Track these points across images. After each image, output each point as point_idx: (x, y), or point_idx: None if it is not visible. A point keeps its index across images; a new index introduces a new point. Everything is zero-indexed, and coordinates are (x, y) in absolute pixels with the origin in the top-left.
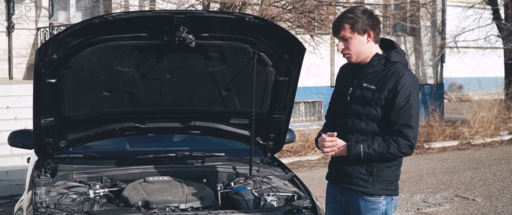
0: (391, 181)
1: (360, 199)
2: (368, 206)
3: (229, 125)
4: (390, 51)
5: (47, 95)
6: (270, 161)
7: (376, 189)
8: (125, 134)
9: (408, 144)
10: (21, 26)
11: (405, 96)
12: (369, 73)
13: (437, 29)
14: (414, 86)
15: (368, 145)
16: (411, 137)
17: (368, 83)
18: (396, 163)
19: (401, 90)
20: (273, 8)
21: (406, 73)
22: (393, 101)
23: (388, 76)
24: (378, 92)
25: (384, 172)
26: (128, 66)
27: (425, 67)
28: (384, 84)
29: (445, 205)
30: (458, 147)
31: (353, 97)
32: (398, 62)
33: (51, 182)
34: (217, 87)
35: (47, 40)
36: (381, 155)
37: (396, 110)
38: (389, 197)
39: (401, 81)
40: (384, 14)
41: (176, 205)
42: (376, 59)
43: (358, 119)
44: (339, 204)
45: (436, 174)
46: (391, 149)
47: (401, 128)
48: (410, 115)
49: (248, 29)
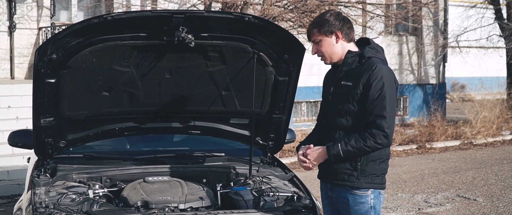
0: (377, 174)
1: (348, 193)
2: (356, 200)
3: (229, 125)
4: (364, 48)
5: (47, 95)
6: (270, 161)
7: (362, 182)
8: (125, 134)
9: (383, 135)
10: (22, 26)
11: (378, 88)
12: (346, 71)
13: (439, 28)
14: (388, 79)
15: (345, 142)
16: (385, 127)
17: (345, 81)
18: (380, 157)
19: (374, 83)
20: (274, 8)
21: (379, 66)
22: (367, 94)
23: (362, 71)
24: (354, 87)
25: (368, 166)
26: (128, 66)
27: (427, 67)
28: (359, 79)
29: (446, 205)
30: (460, 147)
31: (333, 96)
32: (372, 57)
33: (50, 182)
34: (217, 87)
35: (46, 40)
36: (359, 150)
37: (370, 102)
38: (377, 191)
39: (373, 74)
40: (386, 14)
41: (175, 205)
42: (350, 56)
43: (339, 116)
44: (331, 200)
45: (437, 174)
46: (367, 142)
47: (375, 118)
48: (384, 106)
49: (247, 29)
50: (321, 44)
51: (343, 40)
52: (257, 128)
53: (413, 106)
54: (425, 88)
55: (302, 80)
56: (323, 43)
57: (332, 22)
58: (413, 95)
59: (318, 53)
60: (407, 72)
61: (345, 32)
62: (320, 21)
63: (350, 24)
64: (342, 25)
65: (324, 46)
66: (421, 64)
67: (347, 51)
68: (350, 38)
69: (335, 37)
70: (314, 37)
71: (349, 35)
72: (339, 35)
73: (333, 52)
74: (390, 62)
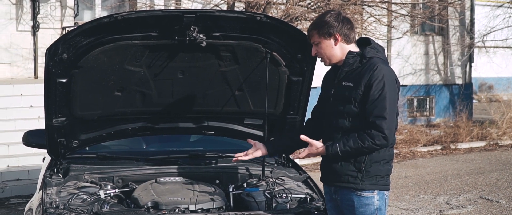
0: (381, 175)
1: (353, 195)
2: (362, 202)
3: (243, 125)
4: (365, 48)
5: (58, 95)
6: (285, 162)
7: (366, 184)
8: (138, 134)
9: (382, 136)
10: (46, 26)
11: (379, 89)
12: (347, 72)
13: (466, 28)
14: (389, 79)
15: (344, 143)
16: (385, 128)
17: (347, 81)
18: (384, 158)
19: (374, 83)
20: (297, 8)
21: (380, 67)
22: (367, 94)
23: (363, 71)
24: (355, 88)
25: (372, 167)
26: (140, 66)
27: (453, 67)
28: (360, 80)
29: (468, 207)
30: (485, 148)
31: (335, 97)
32: (374, 58)
33: (62, 182)
34: (230, 87)
35: (57, 40)
36: (357, 151)
37: (371, 103)
38: (382, 192)
39: (374, 74)
40: (411, 13)
41: (186, 206)
42: (350, 57)
43: (341, 118)
44: (336, 203)
45: (461, 175)
46: (365, 143)
47: (375, 119)
48: (384, 106)
49: (260, 28)
50: (320, 46)
51: (342, 42)
52: (272, 129)
53: (439, 107)
54: (451, 89)
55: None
56: (322, 46)
57: (331, 23)
58: (439, 96)
59: (318, 55)
60: (433, 73)
61: (344, 33)
62: (319, 23)
63: (350, 25)
64: (341, 27)
65: (323, 48)
66: (447, 64)
67: (348, 51)
68: (350, 39)
69: (333, 39)
70: (313, 39)
71: (349, 36)
72: (338, 38)
73: (331, 54)
74: (416, 62)
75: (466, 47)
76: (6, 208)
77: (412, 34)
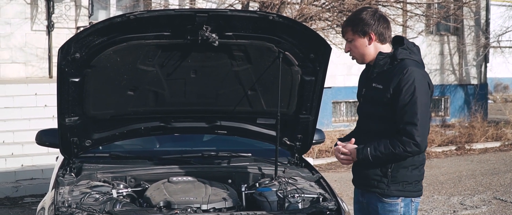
0: (409, 181)
1: (377, 200)
2: (385, 208)
3: (255, 125)
4: (397, 49)
5: (71, 94)
6: (298, 161)
7: (392, 190)
8: (151, 133)
9: (413, 143)
10: (61, 25)
11: (409, 93)
12: (378, 73)
13: (481, 28)
14: (420, 83)
15: (375, 147)
16: (416, 135)
17: (377, 83)
18: (413, 163)
19: (404, 87)
20: (312, 7)
21: (411, 70)
22: (397, 99)
23: (393, 74)
24: (384, 91)
25: (399, 173)
26: (152, 65)
27: (468, 67)
28: (389, 83)
29: (482, 208)
30: (500, 148)
31: (365, 98)
32: (405, 59)
33: (75, 181)
34: (243, 87)
35: (69, 39)
36: (388, 157)
37: (401, 108)
38: (408, 199)
39: (404, 78)
40: (426, 13)
41: (198, 205)
42: (381, 58)
43: (369, 119)
44: (362, 205)
45: (475, 176)
46: (396, 149)
47: (405, 126)
48: (414, 112)
49: (272, 28)
50: (354, 44)
51: (376, 42)
52: (284, 128)
53: (454, 107)
54: (466, 89)
55: (341, 80)
56: (356, 43)
57: (367, 21)
58: (454, 96)
59: (351, 52)
60: (449, 73)
61: (379, 32)
62: (354, 20)
63: (387, 24)
64: (377, 26)
65: (356, 46)
66: (462, 64)
67: (378, 52)
68: (385, 39)
69: (368, 38)
70: (347, 36)
71: (384, 35)
72: (372, 37)
73: (365, 53)
74: (431, 62)
75: (481, 47)
76: (20, 207)
77: (427, 34)
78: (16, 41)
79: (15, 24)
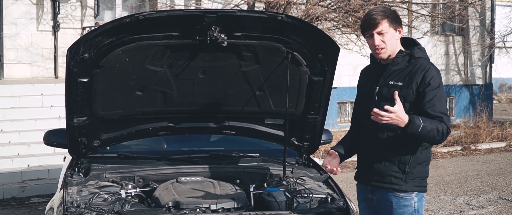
0: (422, 177)
1: (392, 196)
2: (401, 203)
3: (263, 125)
4: (413, 48)
5: (80, 94)
6: (306, 162)
7: (410, 185)
8: (159, 133)
9: (447, 130)
10: (66, 26)
11: (435, 87)
12: (394, 71)
13: (486, 29)
14: (440, 79)
15: (423, 119)
16: (448, 125)
17: (395, 81)
18: (426, 159)
19: (431, 81)
20: (318, 8)
21: (432, 67)
22: (424, 93)
23: (414, 71)
24: (406, 88)
25: (416, 169)
26: (161, 65)
27: (473, 68)
28: (412, 79)
29: (488, 208)
30: (506, 149)
31: (380, 96)
32: (421, 58)
33: (83, 181)
34: (251, 87)
35: (78, 39)
36: (431, 133)
37: (428, 100)
38: (420, 194)
39: (429, 74)
40: (431, 14)
41: (207, 205)
42: (400, 56)
43: None
44: (371, 203)
45: (481, 176)
46: (439, 128)
47: (440, 115)
48: (442, 104)
49: (281, 28)
50: (386, 36)
51: (399, 38)
52: (292, 129)
53: (460, 107)
54: (471, 89)
55: (347, 80)
56: (388, 36)
57: (397, 17)
58: (459, 96)
59: (382, 44)
60: (454, 73)
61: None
62: (390, 12)
63: None
64: (401, 22)
65: (389, 39)
66: (467, 64)
67: (398, 50)
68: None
69: (398, 33)
70: (382, 28)
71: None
72: (400, 31)
73: (393, 47)
74: (437, 63)
75: (486, 47)
76: (27, 207)
77: (433, 35)
78: (22, 41)
79: (21, 24)
